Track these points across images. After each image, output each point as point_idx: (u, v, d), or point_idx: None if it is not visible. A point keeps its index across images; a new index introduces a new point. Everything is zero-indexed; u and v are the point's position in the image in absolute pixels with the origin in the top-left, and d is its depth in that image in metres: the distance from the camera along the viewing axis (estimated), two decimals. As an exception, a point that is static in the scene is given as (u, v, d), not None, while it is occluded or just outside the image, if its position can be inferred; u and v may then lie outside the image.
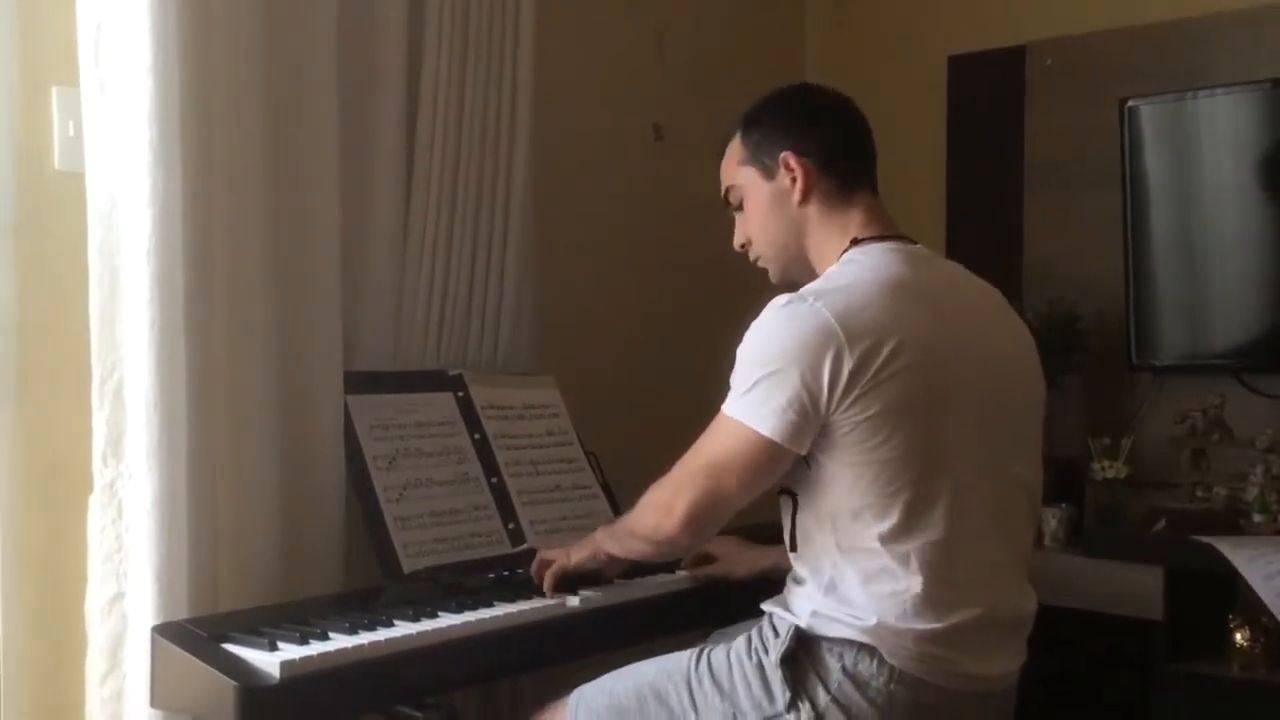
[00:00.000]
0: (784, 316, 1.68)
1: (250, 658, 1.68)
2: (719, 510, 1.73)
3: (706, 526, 1.76)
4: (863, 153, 1.87)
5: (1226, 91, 2.76)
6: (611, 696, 1.80)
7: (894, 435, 1.63)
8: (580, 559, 1.99)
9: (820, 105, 1.90)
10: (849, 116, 1.89)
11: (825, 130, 1.85)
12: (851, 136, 1.87)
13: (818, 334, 1.63)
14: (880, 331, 1.63)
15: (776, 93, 1.93)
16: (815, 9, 3.57)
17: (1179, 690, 2.46)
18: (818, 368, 1.62)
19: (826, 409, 1.63)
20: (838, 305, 1.65)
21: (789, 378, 1.63)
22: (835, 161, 1.83)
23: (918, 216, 3.21)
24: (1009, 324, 1.84)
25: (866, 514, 1.65)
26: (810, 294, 1.69)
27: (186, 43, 1.90)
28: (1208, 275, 2.82)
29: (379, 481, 2.13)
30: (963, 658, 1.66)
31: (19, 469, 1.96)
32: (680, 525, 1.71)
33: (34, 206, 1.98)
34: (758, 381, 1.66)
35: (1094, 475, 2.78)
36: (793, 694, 1.65)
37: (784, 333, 1.66)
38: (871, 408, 1.62)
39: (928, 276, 1.76)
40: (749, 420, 1.66)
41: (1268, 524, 2.53)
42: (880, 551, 1.64)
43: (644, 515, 1.79)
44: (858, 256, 1.77)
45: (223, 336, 1.99)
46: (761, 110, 1.90)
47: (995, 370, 1.74)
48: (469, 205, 2.44)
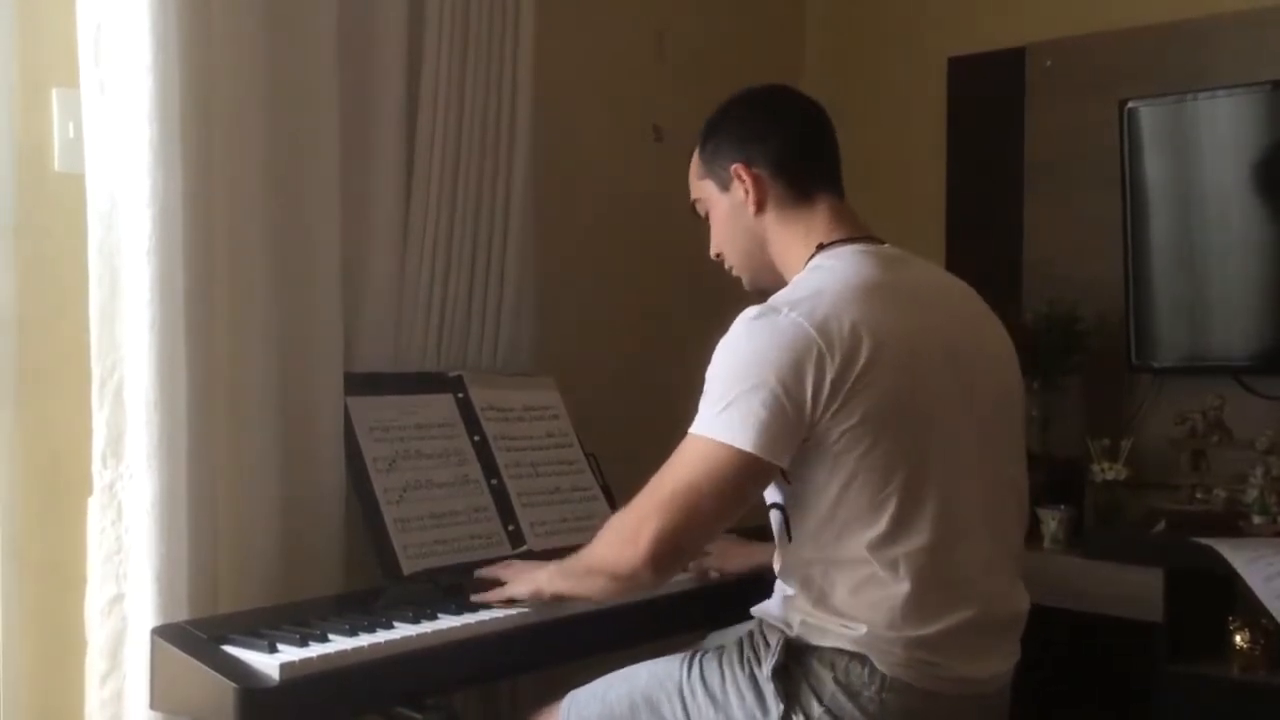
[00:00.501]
0: (756, 329, 1.63)
1: (250, 659, 1.68)
2: (692, 539, 1.65)
3: (676, 558, 1.65)
4: (821, 154, 1.83)
5: (1226, 93, 2.76)
6: (604, 704, 1.79)
7: (880, 441, 1.61)
8: (520, 594, 1.90)
9: (775, 110, 1.86)
10: (806, 119, 1.84)
11: (778, 136, 1.81)
12: (808, 139, 1.83)
13: (796, 343, 1.59)
14: (859, 336, 1.60)
15: (731, 100, 1.89)
16: (815, 9, 3.57)
17: (1179, 692, 2.46)
18: (800, 376, 1.58)
19: (811, 417, 1.59)
20: (814, 313, 1.61)
21: (769, 388, 1.58)
22: (790, 167, 1.80)
23: (918, 217, 3.23)
24: (984, 321, 1.81)
25: (855, 523, 1.63)
26: (782, 304, 1.64)
27: (186, 43, 1.90)
28: (1208, 277, 2.82)
29: (379, 483, 2.13)
30: (955, 661, 1.65)
31: (19, 470, 1.96)
32: (645, 557, 1.60)
33: (34, 207, 1.98)
34: (735, 398, 1.60)
35: (1094, 477, 2.77)
36: (786, 706, 1.64)
37: (759, 345, 1.62)
38: (855, 414, 1.59)
39: (900, 277, 1.73)
40: (726, 438, 1.59)
41: (1267, 525, 2.53)
42: (868, 560, 1.62)
43: (604, 548, 1.71)
44: (825, 262, 1.74)
45: (223, 337, 1.99)
46: (716, 121, 1.87)
47: (975, 368, 1.73)
48: (469, 205, 2.44)
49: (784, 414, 1.58)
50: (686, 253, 3.07)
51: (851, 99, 3.37)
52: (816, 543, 1.66)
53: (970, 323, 1.79)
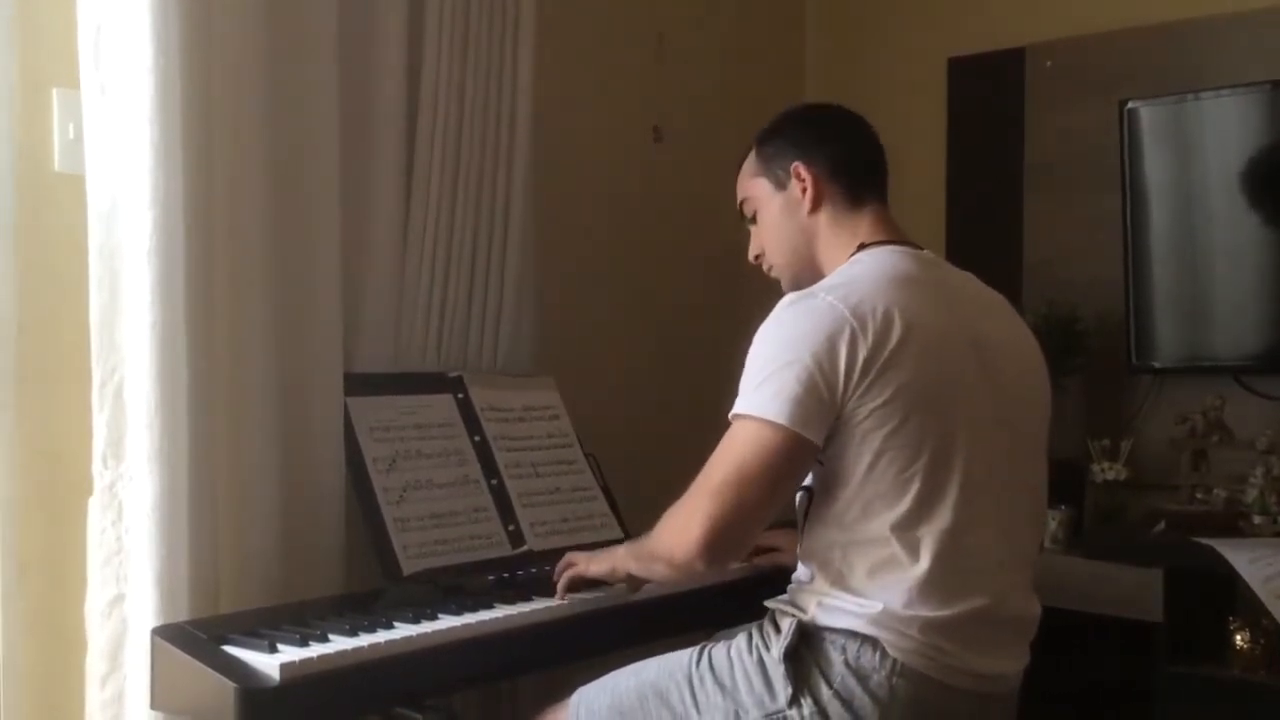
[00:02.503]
0: (793, 313, 1.70)
1: (250, 659, 1.68)
2: (744, 527, 1.67)
3: (730, 547, 1.68)
4: (873, 166, 1.93)
5: (1227, 93, 2.76)
6: (613, 696, 1.80)
7: (908, 421, 1.64)
8: (598, 571, 1.97)
9: (833, 122, 1.96)
10: (860, 133, 1.94)
11: (836, 144, 1.91)
12: (862, 151, 1.93)
13: (830, 323, 1.65)
14: (891, 317, 1.66)
15: (791, 110, 2.00)
16: (815, 9, 3.57)
17: (1179, 692, 2.46)
18: (834, 354, 1.63)
19: (843, 395, 1.64)
20: (849, 297, 1.68)
21: (804, 365, 1.63)
22: (846, 172, 1.89)
23: (918, 218, 3.21)
24: (1017, 326, 1.87)
25: (878, 503, 1.66)
26: (820, 290, 1.72)
27: (187, 44, 1.90)
28: (1208, 277, 2.82)
29: (379, 483, 2.13)
30: (966, 651, 1.66)
31: (19, 471, 1.96)
32: (698, 549, 1.64)
33: (34, 208, 1.97)
34: (770, 375, 1.65)
35: (1094, 477, 2.78)
36: (795, 689, 1.65)
37: (795, 326, 1.68)
38: (885, 392, 1.64)
39: (935, 276, 1.80)
40: (764, 413, 1.64)
41: (1268, 526, 2.53)
42: (890, 540, 1.65)
43: (661, 538, 1.76)
44: (865, 258, 1.81)
45: (223, 338, 1.99)
46: (776, 125, 1.97)
47: (1004, 369, 1.76)
48: (469, 206, 2.44)
49: (817, 390, 1.63)
50: (687, 253, 3.09)
51: (851, 99, 3.33)
52: (840, 523, 1.69)
53: (1001, 325, 1.83)
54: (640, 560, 1.85)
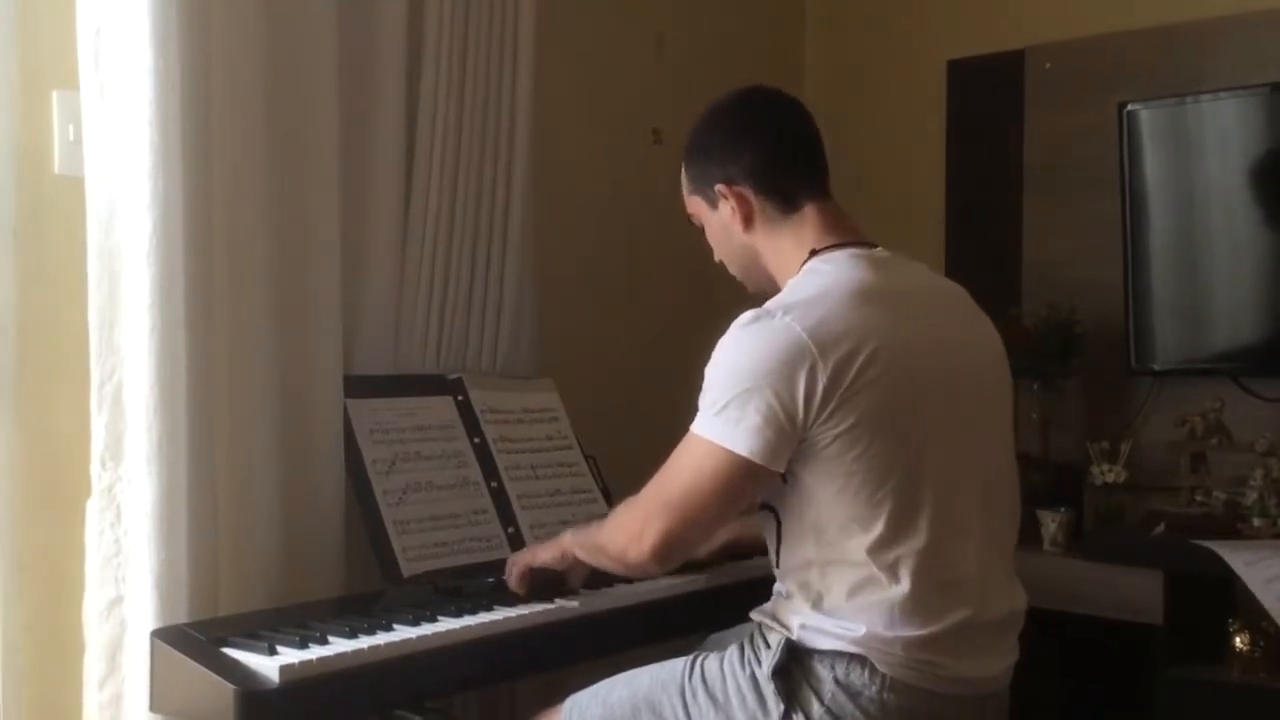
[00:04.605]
0: (752, 333, 1.66)
1: (249, 662, 1.67)
2: (692, 539, 1.74)
3: (681, 555, 1.78)
4: (807, 158, 1.83)
5: (1226, 95, 2.76)
6: (605, 706, 1.79)
7: (873, 444, 1.62)
8: (546, 558, 1.97)
9: (749, 122, 1.84)
10: (781, 127, 1.83)
11: (755, 151, 1.80)
12: (785, 148, 1.82)
13: (789, 349, 1.61)
14: (852, 341, 1.62)
15: (708, 113, 1.88)
16: (815, 10, 3.57)
17: (1179, 695, 2.46)
18: (792, 384, 1.60)
19: (804, 424, 1.62)
20: (807, 318, 1.63)
21: (763, 395, 1.61)
22: (770, 180, 1.80)
23: (917, 220, 3.23)
24: (977, 322, 1.83)
25: (852, 525, 1.64)
26: (778, 308, 1.66)
27: (186, 46, 1.90)
28: (1207, 279, 2.82)
29: (379, 485, 2.13)
30: (954, 661, 1.65)
31: (18, 472, 1.95)
32: (649, 556, 1.71)
33: (34, 210, 1.97)
34: (730, 401, 1.63)
35: (1093, 479, 2.78)
36: (786, 706, 1.65)
37: (754, 349, 1.64)
38: (849, 419, 1.61)
39: (893, 281, 1.74)
40: (723, 440, 1.63)
41: (1267, 528, 2.53)
42: (867, 562, 1.63)
43: (614, 536, 1.78)
44: (820, 266, 1.75)
45: (222, 340, 1.99)
46: (696, 137, 1.87)
47: (966, 368, 1.74)
48: (469, 207, 2.44)
49: (778, 421, 1.61)
50: (686, 254, 3.07)
51: (851, 101, 3.38)
52: (815, 544, 1.67)
53: (960, 323, 1.80)
54: (587, 551, 1.88)
